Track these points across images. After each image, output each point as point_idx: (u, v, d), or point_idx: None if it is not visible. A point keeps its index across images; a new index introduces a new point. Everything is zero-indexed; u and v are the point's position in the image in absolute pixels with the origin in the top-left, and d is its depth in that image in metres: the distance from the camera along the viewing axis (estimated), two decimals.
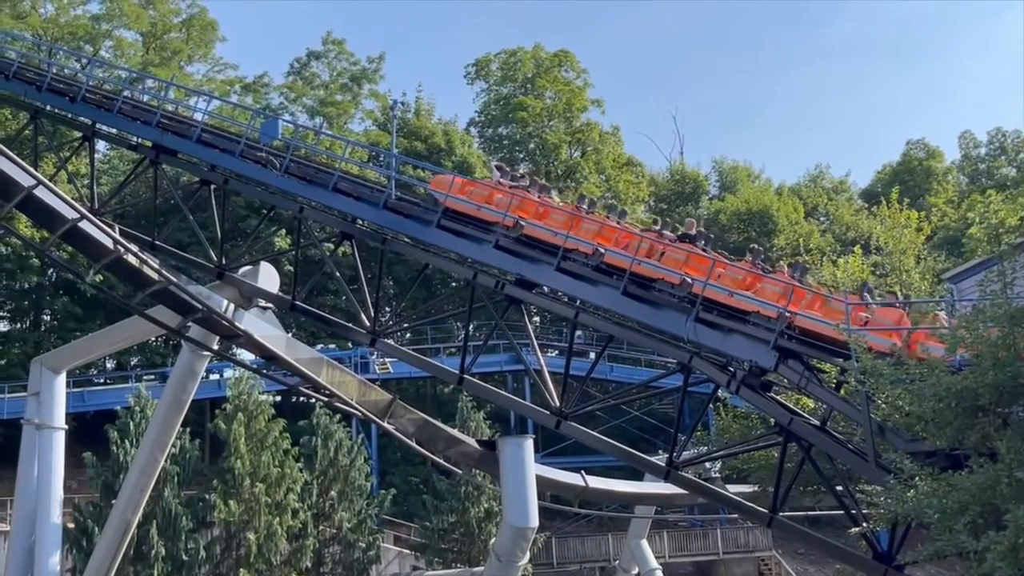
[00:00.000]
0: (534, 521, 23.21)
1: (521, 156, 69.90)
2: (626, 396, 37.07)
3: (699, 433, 32.47)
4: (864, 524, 17.58)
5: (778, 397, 21.06)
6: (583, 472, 29.45)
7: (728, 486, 29.65)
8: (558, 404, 21.77)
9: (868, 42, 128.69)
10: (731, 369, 19.96)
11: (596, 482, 29.54)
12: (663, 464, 21.42)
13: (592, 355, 51.74)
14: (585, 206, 22.22)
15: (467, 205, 22.35)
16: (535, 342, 24.33)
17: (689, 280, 19.63)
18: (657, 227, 22.55)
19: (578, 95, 71.00)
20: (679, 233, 21.69)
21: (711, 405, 30.80)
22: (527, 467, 23.34)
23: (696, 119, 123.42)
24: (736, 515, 42.90)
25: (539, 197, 22.49)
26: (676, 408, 26.56)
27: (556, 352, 54.71)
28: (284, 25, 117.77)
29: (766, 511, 20.40)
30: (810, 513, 28.41)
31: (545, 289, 22.46)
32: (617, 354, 52.88)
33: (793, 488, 21.08)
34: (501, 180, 23.38)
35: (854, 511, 18.66)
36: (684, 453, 22.53)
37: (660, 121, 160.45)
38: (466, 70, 73.06)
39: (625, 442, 26.86)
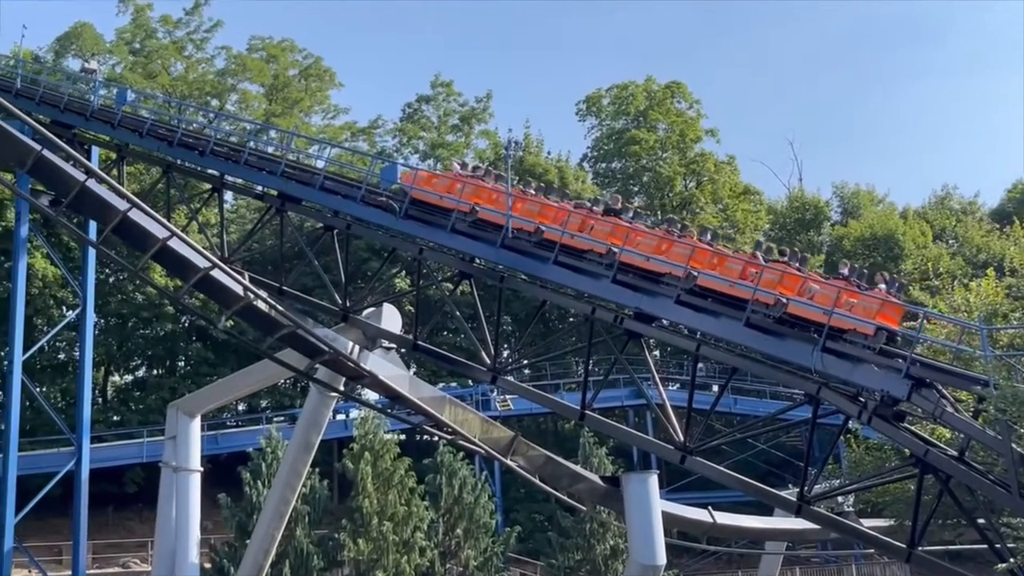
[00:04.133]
0: (661, 559, 22.83)
1: (635, 189, 69.68)
2: (752, 429, 36.31)
3: (830, 466, 31.56)
4: (1011, 559, 16.78)
5: (912, 427, 20.36)
6: (710, 508, 28.91)
7: (862, 520, 28.65)
8: (682, 439, 21.51)
9: (989, 57, 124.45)
10: (861, 399, 19.42)
11: (724, 518, 28.96)
12: (794, 499, 20.93)
13: (715, 388, 50.99)
14: (532, 190, 25.07)
15: (430, 195, 24.44)
16: (656, 376, 24.10)
17: (615, 250, 21.48)
18: (588, 204, 24.46)
19: (691, 126, 70.53)
20: (604, 207, 23.54)
21: (841, 437, 29.94)
22: (652, 503, 23.01)
23: (814, 144, 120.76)
24: (872, 550, 41.39)
25: (493, 186, 24.46)
26: (805, 441, 25.87)
27: (677, 386, 54.04)
28: (395, 67, 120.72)
29: (904, 546, 19.73)
30: (951, 547, 27.21)
31: (665, 322, 22.32)
32: (741, 386, 51.90)
33: (932, 521, 20.34)
34: (460, 172, 25.58)
35: (999, 545, 17.85)
36: (815, 487, 21.93)
37: (777, 148, 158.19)
38: (577, 107, 73.42)
39: (753, 476, 26.28)
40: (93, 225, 31.04)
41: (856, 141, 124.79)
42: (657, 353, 54.40)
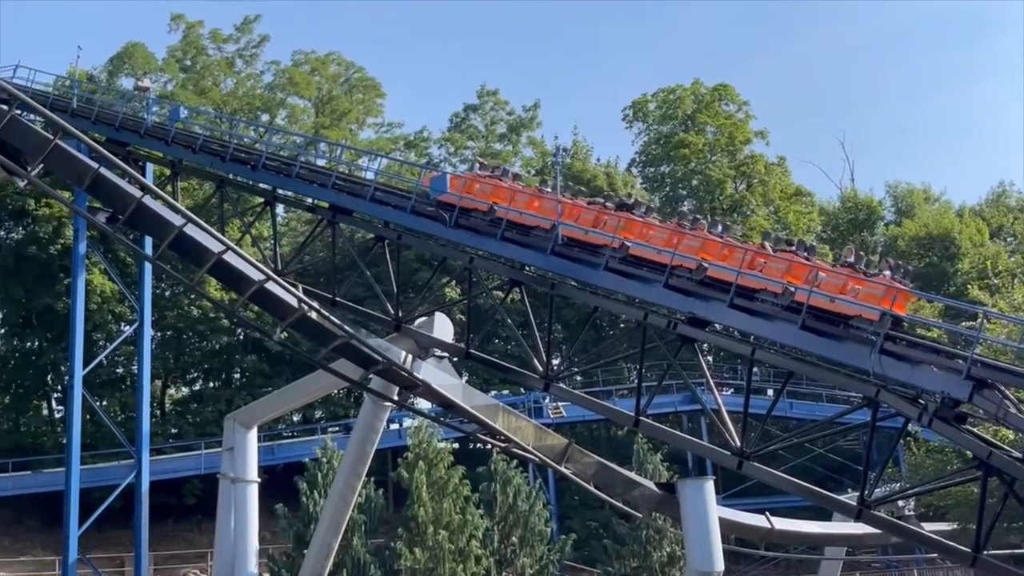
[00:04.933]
0: (719, 565, 22.61)
1: (684, 193, 69.33)
2: (810, 433, 35.85)
3: (890, 469, 31.09)
4: None
5: (974, 429, 19.98)
6: (767, 513, 28.60)
7: (924, 524, 28.20)
8: (739, 444, 21.30)
9: None
10: (921, 402, 19.09)
11: (782, 523, 28.61)
12: (854, 503, 20.63)
13: (770, 392, 50.43)
14: (549, 189, 25.61)
15: (450, 196, 24.92)
16: (711, 380, 23.89)
17: (628, 244, 21.94)
18: (601, 200, 25.05)
19: (740, 128, 70.02)
20: (617, 202, 24.23)
21: (901, 440, 29.47)
22: (709, 509, 22.81)
23: (865, 143, 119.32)
24: (935, 554, 40.67)
25: (510, 184, 25.10)
26: (864, 444, 25.53)
27: (731, 390, 53.56)
28: (440, 78, 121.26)
29: (968, 550, 19.35)
30: (1017, 551, 26.65)
31: (718, 326, 22.14)
32: (796, 390, 51.30)
33: (997, 525, 19.92)
34: (480, 172, 26.38)
35: None
36: (875, 491, 21.59)
37: (828, 148, 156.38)
38: (623, 113, 73.19)
39: (811, 481, 25.98)
40: (149, 241, 31.53)
41: (909, 140, 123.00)
42: (710, 358, 53.99)
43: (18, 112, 22.58)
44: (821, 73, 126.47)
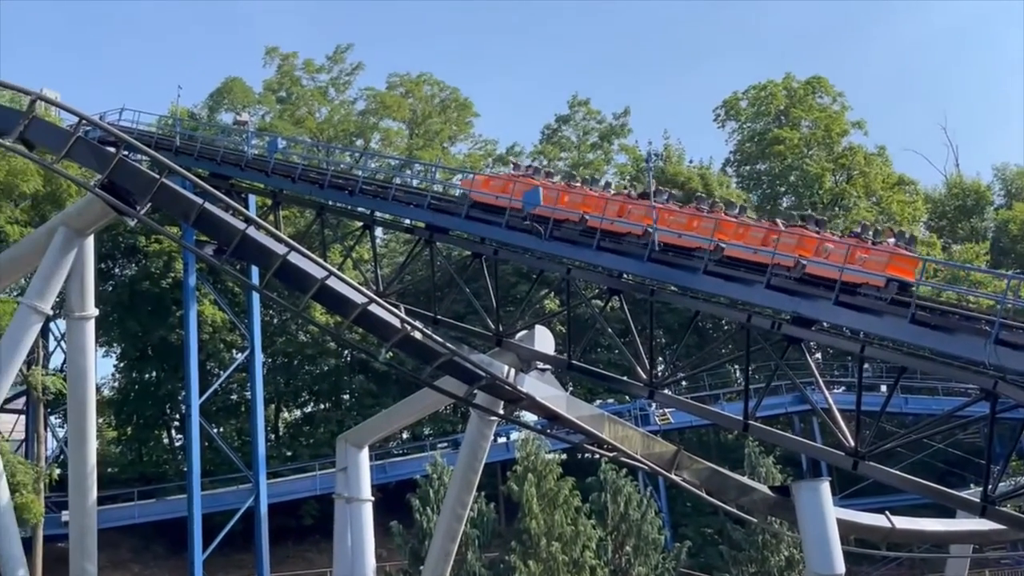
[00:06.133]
0: (840, 568, 22.11)
1: (782, 190, 68.14)
2: (927, 429, 34.76)
3: (1014, 463, 29.97)
4: None
5: None
6: (887, 512, 27.84)
7: None
8: (853, 443, 20.84)
9: None
10: None
11: (903, 522, 27.78)
12: (977, 499, 19.98)
13: (883, 388, 49.16)
14: (579, 182, 26.87)
15: (487, 196, 26.45)
16: (820, 380, 23.41)
17: (650, 230, 22.67)
18: (625, 191, 26.33)
19: (836, 120, 68.50)
20: (640, 192, 25.33)
21: None
22: (826, 511, 22.34)
23: (969, 127, 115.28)
24: None
25: (542, 181, 26.36)
26: (985, 438, 24.69)
27: (842, 388, 52.43)
28: (531, 91, 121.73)
29: None
30: None
31: (824, 324, 21.70)
32: (910, 385, 49.85)
33: None
34: (514, 172, 27.85)
35: None
36: (999, 485, 20.86)
37: (929, 134, 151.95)
38: (715, 112, 72.36)
39: (930, 478, 25.28)
40: (255, 270, 32.40)
41: (1015, 121, 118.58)
42: (818, 356, 52.89)
43: (125, 154, 23.39)
44: (917, 59, 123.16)
